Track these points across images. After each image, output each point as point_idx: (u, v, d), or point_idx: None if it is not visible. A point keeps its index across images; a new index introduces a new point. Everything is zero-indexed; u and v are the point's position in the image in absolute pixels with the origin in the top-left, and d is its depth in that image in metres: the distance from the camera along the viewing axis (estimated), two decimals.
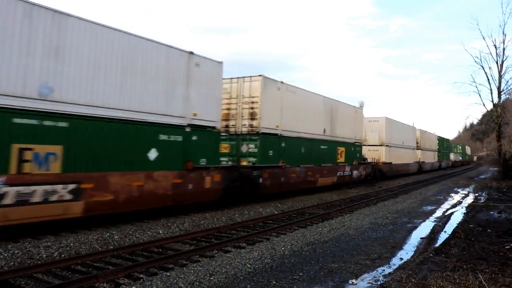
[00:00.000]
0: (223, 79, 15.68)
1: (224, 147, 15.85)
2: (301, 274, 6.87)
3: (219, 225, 10.98)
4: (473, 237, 9.94)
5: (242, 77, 16.12)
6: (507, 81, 34.66)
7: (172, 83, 11.62)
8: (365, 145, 29.49)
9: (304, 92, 18.93)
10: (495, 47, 33.87)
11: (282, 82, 16.89)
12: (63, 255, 7.66)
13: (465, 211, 15.20)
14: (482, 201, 18.63)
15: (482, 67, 36.84)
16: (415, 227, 11.84)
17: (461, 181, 33.44)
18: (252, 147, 15.57)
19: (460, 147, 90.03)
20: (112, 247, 8.34)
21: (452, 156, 71.60)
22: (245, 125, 15.78)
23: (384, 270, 7.33)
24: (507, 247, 8.73)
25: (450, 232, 10.75)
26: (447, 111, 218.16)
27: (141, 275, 6.55)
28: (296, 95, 17.95)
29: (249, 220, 11.76)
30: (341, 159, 22.67)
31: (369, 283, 6.56)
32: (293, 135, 17.60)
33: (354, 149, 24.52)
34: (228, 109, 16.25)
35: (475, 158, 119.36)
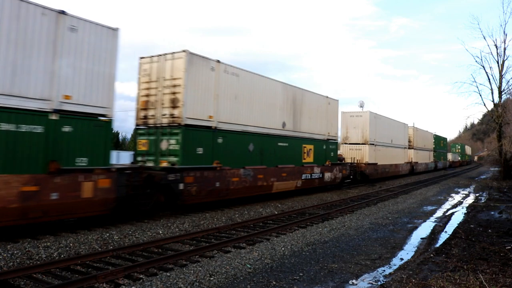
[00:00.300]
0: (143, 58, 13.43)
1: (142, 144, 13.09)
2: (301, 274, 6.86)
3: (219, 225, 10.97)
4: (474, 237, 9.92)
5: (164, 54, 12.93)
6: (508, 81, 34.65)
7: (25, 52, 8.51)
8: (346, 144, 27.54)
9: (252, 76, 15.44)
10: (496, 47, 33.86)
11: (218, 62, 13.59)
12: (62, 256, 7.65)
13: (466, 211, 15.18)
14: (482, 201, 18.61)
15: (483, 66, 37.01)
16: (416, 227, 11.82)
17: (461, 181, 33.43)
18: (172, 143, 12.30)
19: (459, 147, 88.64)
20: (111, 247, 8.33)
21: (450, 156, 69.24)
22: (165, 115, 12.57)
23: (384, 270, 7.31)
24: (508, 247, 8.72)
25: (450, 232, 10.74)
26: (447, 111, 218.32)
27: (141, 276, 6.54)
28: (240, 79, 14.63)
29: (249, 220, 11.74)
30: (309, 159, 19.14)
31: (369, 283, 6.54)
32: (236, 129, 14.32)
33: (326, 147, 21.05)
34: (147, 95, 13.12)
35: (475, 158, 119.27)
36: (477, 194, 22.51)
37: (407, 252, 8.84)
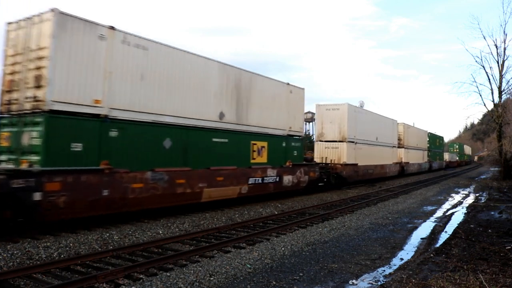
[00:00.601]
0: (10, 23, 10.17)
1: (4, 138, 9.91)
2: (301, 274, 6.86)
3: (219, 225, 10.97)
4: (474, 237, 9.92)
5: (32, 17, 9.59)
6: (508, 81, 34.63)
7: None
8: (321, 141, 24.07)
9: (171, 52, 11.88)
10: (496, 47, 33.83)
11: (112, 28, 10.19)
12: (62, 256, 7.65)
13: (466, 211, 15.18)
14: (482, 201, 18.61)
15: (483, 66, 36.75)
16: (416, 227, 11.82)
17: (461, 181, 33.45)
18: (34, 136, 9.10)
19: (457, 146, 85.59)
20: (111, 247, 8.33)
21: (447, 156, 65.26)
22: (29, 98, 9.33)
23: (384, 270, 7.31)
24: (508, 247, 8.71)
25: (450, 233, 10.74)
26: (447, 111, 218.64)
27: (141, 276, 6.54)
28: (151, 54, 11.18)
29: (249, 220, 11.74)
30: (260, 158, 15.58)
31: (369, 283, 6.54)
32: (142, 119, 10.83)
33: (287, 144, 17.23)
34: (13, 72, 9.83)
35: (475, 158, 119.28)
36: (477, 194, 22.51)
37: (407, 252, 8.84)
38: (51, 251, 7.81)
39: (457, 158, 76.83)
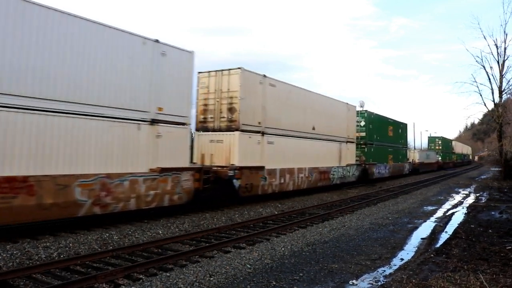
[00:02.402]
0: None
1: None
2: (301, 274, 6.84)
3: (219, 225, 10.96)
4: (474, 237, 9.90)
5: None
6: (508, 81, 34.55)
7: None
8: None
9: None
10: (496, 47, 33.73)
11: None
12: (62, 256, 7.63)
13: (466, 211, 15.15)
14: (483, 201, 18.59)
15: (483, 66, 36.57)
16: (416, 228, 11.80)
17: (462, 182, 33.45)
18: None
19: (440, 142, 62.74)
20: (111, 247, 8.32)
21: (417, 155, 45.83)
22: None
23: (384, 270, 7.30)
24: (508, 247, 8.69)
25: (451, 233, 10.72)
26: (447, 111, 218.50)
27: (141, 276, 6.53)
28: None
29: (249, 221, 11.73)
30: None
31: (369, 283, 6.53)
32: None
33: None
34: None
35: (476, 158, 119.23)
36: (477, 194, 22.49)
37: (407, 252, 8.82)
38: (51, 251, 7.80)
39: (439, 158, 57.32)
